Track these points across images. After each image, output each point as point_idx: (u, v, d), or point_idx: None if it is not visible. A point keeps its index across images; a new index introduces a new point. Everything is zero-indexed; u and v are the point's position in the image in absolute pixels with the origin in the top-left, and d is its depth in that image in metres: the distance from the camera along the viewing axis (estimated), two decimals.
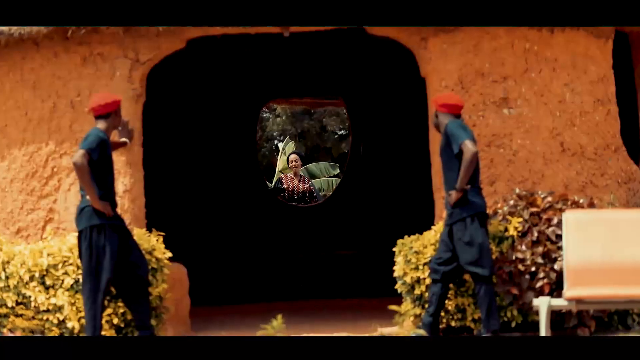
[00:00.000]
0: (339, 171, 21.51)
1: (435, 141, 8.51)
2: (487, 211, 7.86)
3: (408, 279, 8.11)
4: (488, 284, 7.59)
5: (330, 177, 21.03)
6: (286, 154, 20.01)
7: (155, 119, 11.29)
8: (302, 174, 14.58)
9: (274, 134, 27.23)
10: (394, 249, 8.26)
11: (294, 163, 14.08)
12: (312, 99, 15.47)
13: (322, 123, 26.66)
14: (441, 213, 8.42)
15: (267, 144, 27.19)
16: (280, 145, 24.35)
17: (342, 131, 27.22)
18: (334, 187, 17.37)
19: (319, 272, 13.44)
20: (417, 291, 8.08)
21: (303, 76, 13.84)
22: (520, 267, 7.83)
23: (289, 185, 14.06)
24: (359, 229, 13.75)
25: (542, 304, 7.16)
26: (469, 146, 7.48)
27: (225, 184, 13.65)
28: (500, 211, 8.10)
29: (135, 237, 7.87)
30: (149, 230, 8.42)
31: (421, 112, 9.99)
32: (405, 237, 8.26)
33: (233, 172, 13.75)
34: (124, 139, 8.17)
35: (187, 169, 13.44)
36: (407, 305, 8.13)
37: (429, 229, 8.34)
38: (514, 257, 7.85)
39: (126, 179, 8.53)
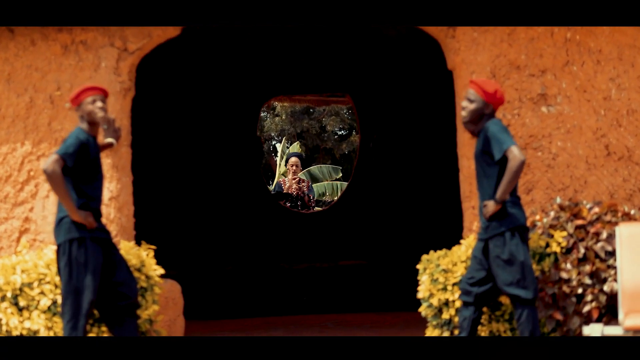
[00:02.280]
0: (346, 174, 21.22)
1: (464, 143, 7.70)
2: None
3: (435, 302, 7.18)
4: (531, 307, 6.71)
5: (334, 180, 20.63)
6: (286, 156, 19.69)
7: (145, 117, 11.15)
8: (302, 177, 14.07)
9: (272, 134, 27.00)
10: (417, 267, 7.38)
11: (294, 167, 13.58)
12: (316, 96, 15.06)
13: (322, 123, 26.48)
14: (471, 225, 7.61)
15: (265, 145, 26.98)
16: (279, 145, 24.12)
17: (342, 131, 27.10)
18: (340, 192, 17.05)
19: (323, 284, 12.96)
20: (445, 315, 7.17)
21: (307, 71, 13.31)
22: (565, 288, 6.98)
23: (290, 190, 13.55)
24: (368, 236, 13.18)
25: (594, 333, 6.43)
26: (515, 153, 6.61)
27: (223, 189, 13.19)
28: (539, 224, 7.23)
29: (122, 252, 7.18)
30: (138, 243, 7.78)
31: (444, 110, 9.39)
32: (431, 252, 7.37)
33: (231, 176, 13.28)
34: (110, 140, 7.41)
35: (181, 174, 12.96)
36: (432, 332, 7.23)
37: (458, 243, 7.49)
38: (557, 277, 7.00)
39: (112, 185, 7.81)
